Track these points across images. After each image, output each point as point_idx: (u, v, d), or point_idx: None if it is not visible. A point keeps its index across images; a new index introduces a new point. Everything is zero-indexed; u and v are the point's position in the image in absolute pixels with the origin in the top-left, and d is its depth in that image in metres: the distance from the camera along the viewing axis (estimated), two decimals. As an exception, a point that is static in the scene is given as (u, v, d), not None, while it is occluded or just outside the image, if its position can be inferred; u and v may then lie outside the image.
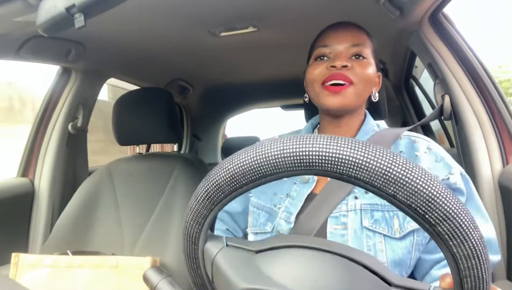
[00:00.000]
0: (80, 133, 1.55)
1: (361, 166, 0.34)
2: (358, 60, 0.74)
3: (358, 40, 0.75)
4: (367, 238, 0.66)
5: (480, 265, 0.35)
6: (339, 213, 0.69)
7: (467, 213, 0.34)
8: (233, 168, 0.39)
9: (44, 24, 0.63)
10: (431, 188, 0.33)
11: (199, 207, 0.43)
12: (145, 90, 1.45)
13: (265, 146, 0.38)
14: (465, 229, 0.34)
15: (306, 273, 0.42)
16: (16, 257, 1.00)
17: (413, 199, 0.34)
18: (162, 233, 1.13)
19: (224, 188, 0.40)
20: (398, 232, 0.66)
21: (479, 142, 0.94)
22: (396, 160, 0.34)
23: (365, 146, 0.35)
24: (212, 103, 2.38)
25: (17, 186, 1.40)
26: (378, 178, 0.34)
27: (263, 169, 0.38)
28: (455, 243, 0.34)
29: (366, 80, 0.74)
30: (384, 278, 0.41)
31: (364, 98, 0.77)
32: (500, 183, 0.90)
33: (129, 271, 0.96)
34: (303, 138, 0.37)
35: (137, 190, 1.24)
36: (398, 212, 0.67)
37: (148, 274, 0.54)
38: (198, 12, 1.05)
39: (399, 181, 0.34)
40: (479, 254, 0.34)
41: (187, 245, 0.47)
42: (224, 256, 0.45)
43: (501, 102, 0.95)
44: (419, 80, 1.78)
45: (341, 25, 0.78)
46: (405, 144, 0.75)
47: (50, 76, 1.49)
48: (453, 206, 0.34)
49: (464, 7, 3.81)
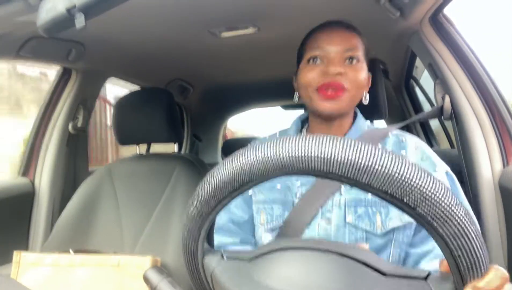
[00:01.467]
0: (80, 133, 1.55)
1: (330, 160, 0.35)
2: (352, 65, 0.74)
3: (351, 44, 0.75)
4: (350, 233, 0.69)
5: (471, 242, 0.34)
6: (325, 208, 0.71)
7: (446, 191, 0.34)
8: (214, 181, 0.40)
9: (44, 24, 0.63)
10: (403, 171, 0.33)
11: (192, 224, 0.44)
12: (145, 90, 1.45)
13: (241, 155, 0.39)
14: (446, 207, 0.33)
15: (298, 274, 0.42)
16: (17, 255, 1.01)
17: (387, 186, 0.34)
18: (162, 233, 1.13)
19: (210, 202, 0.41)
20: (380, 229, 0.68)
21: (480, 143, 0.94)
22: (364, 149, 0.34)
23: (332, 140, 0.35)
24: (212, 103, 2.38)
25: (17, 186, 1.40)
26: (350, 170, 0.34)
27: (241, 177, 0.39)
28: (440, 223, 0.34)
29: (359, 86, 0.74)
30: (378, 269, 0.41)
31: (356, 102, 0.78)
32: (500, 184, 0.90)
33: (129, 271, 0.96)
34: (273, 143, 0.38)
35: (138, 190, 1.24)
36: (381, 209, 0.69)
37: (149, 274, 0.54)
38: (198, 12, 1.05)
39: (370, 170, 0.34)
40: (467, 231, 0.34)
41: (187, 259, 0.48)
42: (221, 269, 0.46)
43: (501, 103, 0.95)
44: (419, 81, 1.78)
45: (332, 26, 0.78)
46: (393, 142, 0.77)
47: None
48: (429, 186, 0.33)
49: (464, 7, 3.81)
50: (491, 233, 0.89)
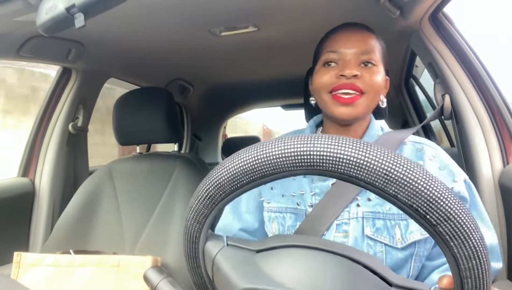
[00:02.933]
0: (80, 133, 1.55)
1: (362, 166, 0.34)
2: (367, 67, 0.71)
3: (368, 46, 0.72)
4: (368, 247, 0.66)
5: (481, 266, 0.35)
6: (341, 220, 0.69)
7: (468, 213, 0.34)
8: (234, 167, 0.39)
9: (44, 24, 0.63)
10: (432, 188, 0.33)
11: (200, 206, 0.43)
12: (145, 90, 1.45)
13: (267, 146, 0.38)
14: (466, 229, 0.34)
15: (306, 273, 0.42)
16: (18, 256, 1.00)
17: (414, 200, 0.34)
18: (162, 233, 1.13)
19: (225, 187, 0.40)
20: (400, 242, 0.66)
21: (480, 142, 0.94)
22: (397, 160, 0.34)
23: (366, 146, 0.35)
24: (212, 102, 2.38)
25: (18, 186, 1.40)
26: (379, 178, 0.34)
27: (264, 168, 0.38)
28: (456, 244, 0.34)
29: (376, 89, 0.72)
30: (385, 278, 0.41)
31: (373, 106, 0.75)
32: (500, 183, 0.90)
33: (130, 271, 0.96)
34: (304, 138, 0.37)
35: (138, 190, 1.24)
36: (400, 221, 0.67)
37: (149, 274, 0.54)
38: (198, 11, 1.05)
39: (400, 181, 0.34)
40: (480, 254, 0.34)
41: (188, 244, 0.46)
42: (224, 256, 0.45)
43: (502, 102, 0.95)
44: (419, 80, 1.78)
45: (349, 28, 0.75)
46: (410, 150, 0.74)
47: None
48: (454, 207, 0.34)
49: (464, 6, 3.82)
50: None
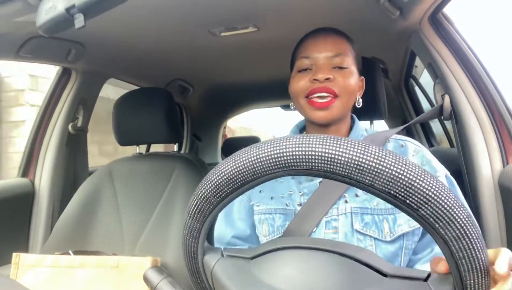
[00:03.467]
0: (80, 133, 1.54)
1: (334, 160, 0.35)
2: (341, 70, 0.74)
3: (339, 50, 0.74)
4: (358, 241, 0.68)
5: (473, 245, 0.34)
6: (330, 217, 0.70)
7: (449, 193, 0.34)
8: (216, 178, 0.40)
9: (44, 24, 0.63)
10: (407, 172, 0.33)
11: (192, 222, 0.44)
12: (145, 90, 1.45)
13: (243, 154, 0.39)
14: (449, 209, 0.33)
15: (300, 273, 0.42)
16: (17, 257, 1.00)
17: (391, 186, 0.34)
18: (162, 233, 1.13)
19: (211, 200, 0.41)
20: (389, 235, 0.67)
21: (479, 142, 0.94)
22: (368, 150, 0.34)
23: (335, 140, 0.35)
24: (212, 103, 2.38)
25: (17, 187, 1.40)
26: (353, 170, 0.34)
27: (243, 175, 0.39)
28: (442, 225, 0.34)
29: (350, 91, 0.74)
30: (379, 269, 0.41)
31: (349, 107, 0.77)
32: (500, 183, 0.90)
33: (129, 271, 0.96)
34: (278, 141, 0.37)
35: (138, 190, 1.24)
36: (387, 216, 0.69)
37: (149, 274, 0.54)
38: (198, 12, 1.05)
39: (373, 171, 0.34)
40: (469, 233, 0.34)
41: (188, 260, 0.48)
42: (221, 267, 0.46)
43: (501, 102, 0.95)
44: (419, 80, 1.79)
45: (320, 33, 0.77)
46: (392, 147, 0.77)
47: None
48: (433, 188, 0.33)
49: (464, 6, 3.79)
50: (491, 232, 0.89)
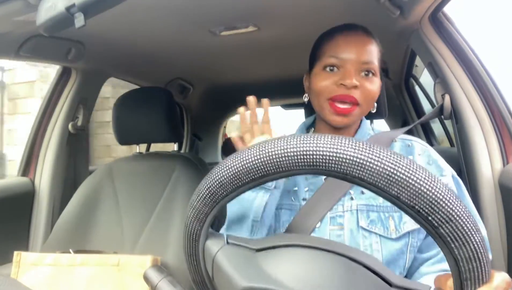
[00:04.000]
0: (80, 133, 1.54)
1: (365, 166, 0.34)
2: (368, 77, 0.72)
3: (369, 55, 0.72)
4: (363, 238, 0.67)
5: (481, 267, 0.35)
6: (335, 213, 0.70)
7: (470, 215, 0.34)
8: (236, 166, 0.39)
9: (44, 23, 0.63)
10: (434, 190, 0.33)
11: (201, 205, 0.43)
12: (145, 90, 1.45)
13: (269, 145, 0.38)
14: (467, 231, 0.34)
15: (306, 272, 0.42)
16: (18, 255, 1.01)
17: (416, 201, 0.34)
18: (162, 232, 1.13)
19: (226, 186, 0.40)
20: (395, 233, 0.67)
21: (479, 142, 0.94)
22: (400, 162, 0.34)
23: (369, 147, 0.35)
24: (212, 102, 2.38)
25: (18, 186, 1.40)
26: (382, 179, 0.34)
27: (266, 167, 0.38)
28: (457, 245, 0.34)
29: (371, 99, 0.73)
30: (385, 278, 0.41)
31: (366, 113, 0.77)
32: (500, 183, 0.90)
33: (130, 270, 0.96)
34: (307, 137, 0.37)
35: (138, 190, 1.24)
36: (393, 213, 0.68)
37: (149, 273, 0.54)
38: (198, 11, 1.05)
39: (402, 183, 0.34)
40: (480, 256, 0.34)
41: (188, 242, 0.46)
42: (224, 254, 0.45)
43: (501, 102, 0.95)
44: (419, 80, 1.78)
45: (350, 32, 0.74)
46: (399, 147, 0.76)
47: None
48: (456, 208, 0.33)
49: (464, 5, 3.79)
50: (491, 232, 0.89)
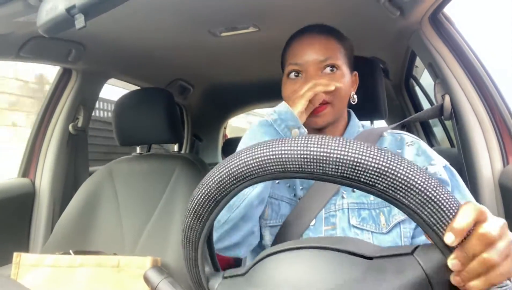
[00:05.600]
0: (80, 134, 1.55)
1: (282, 159, 0.36)
2: (331, 73, 0.72)
3: (328, 52, 0.72)
4: (355, 235, 0.68)
5: (441, 207, 0.33)
6: (328, 213, 0.70)
7: (402, 161, 0.34)
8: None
9: (44, 24, 0.63)
10: (353, 152, 0.34)
11: (188, 252, 0.46)
12: (146, 90, 1.45)
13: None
14: (404, 177, 0.33)
15: (287, 276, 0.42)
16: (17, 257, 1.00)
17: (342, 170, 0.35)
18: (163, 233, 1.13)
19: (195, 228, 0.43)
20: (385, 227, 0.68)
21: (480, 142, 0.94)
22: (311, 141, 0.35)
23: (282, 141, 0.37)
24: (212, 103, 2.38)
25: (18, 187, 1.40)
26: (305, 164, 0.35)
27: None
28: (402, 194, 0.33)
29: (343, 95, 0.73)
30: (363, 254, 0.40)
31: (343, 109, 0.77)
32: (500, 183, 0.90)
33: (130, 271, 0.96)
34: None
35: (138, 190, 1.24)
36: (383, 209, 0.69)
37: (149, 274, 0.54)
38: (198, 12, 1.05)
39: (322, 159, 0.35)
40: (433, 195, 0.33)
41: (196, 287, 0.49)
42: (223, 289, 0.47)
43: (502, 102, 0.95)
44: (419, 80, 1.78)
45: (307, 33, 0.75)
46: (389, 141, 0.76)
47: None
48: (383, 160, 0.33)
49: (464, 6, 3.77)
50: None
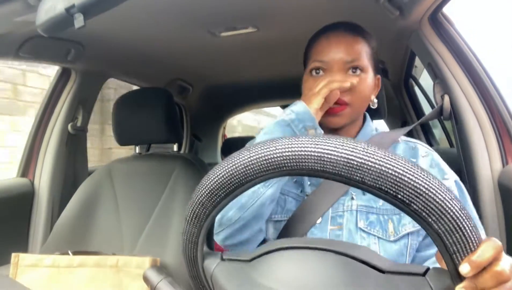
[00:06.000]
0: (79, 133, 1.54)
1: (323, 158, 0.35)
2: (355, 74, 0.71)
3: (354, 52, 0.70)
4: (361, 239, 0.67)
5: (466, 238, 0.33)
6: (336, 213, 0.70)
7: (441, 185, 0.33)
8: (210, 184, 0.41)
9: (43, 24, 0.63)
10: (396, 167, 0.33)
11: (190, 228, 0.45)
12: (145, 90, 1.45)
13: (233, 158, 0.40)
14: (441, 202, 0.33)
15: (296, 274, 0.42)
16: (16, 257, 1.00)
17: (381, 182, 0.34)
18: (162, 233, 1.13)
19: (206, 205, 0.42)
20: (393, 235, 0.66)
21: (479, 142, 0.94)
22: (356, 147, 0.35)
23: (325, 139, 0.36)
24: (212, 103, 2.38)
25: (17, 186, 1.40)
26: (343, 168, 0.35)
27: (235, 179, 0.40)
28: (434, 219, 0.33)
29: (363, 98, 0.72)
30: (376, 266, 0.40)
31: (361, 112, 0.76)
32: (500, 183, 0.90)
33: (129, 271, 0.95)
34: (260, 145, 0.39)
35: (137, 190, 1.24)
36: (392, 216, 0.68)
37: (148, 274, 0.54)
38: (198, 12, 1.05)
39: (362, 167, 0.34)
40: (462, 226, 0.33)
41: (189, 265, 0.48)
42: (220, 271, 0.46)
43: (501, 102, 0.95)
44: (418, 80, 1.79)
45: (333, 33, 0.73)
46: (403, 149, 0.75)
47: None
48: (423, 181, 0.33)
49: (464, 6, 3.78)
50: (490, 232, 0.89)
